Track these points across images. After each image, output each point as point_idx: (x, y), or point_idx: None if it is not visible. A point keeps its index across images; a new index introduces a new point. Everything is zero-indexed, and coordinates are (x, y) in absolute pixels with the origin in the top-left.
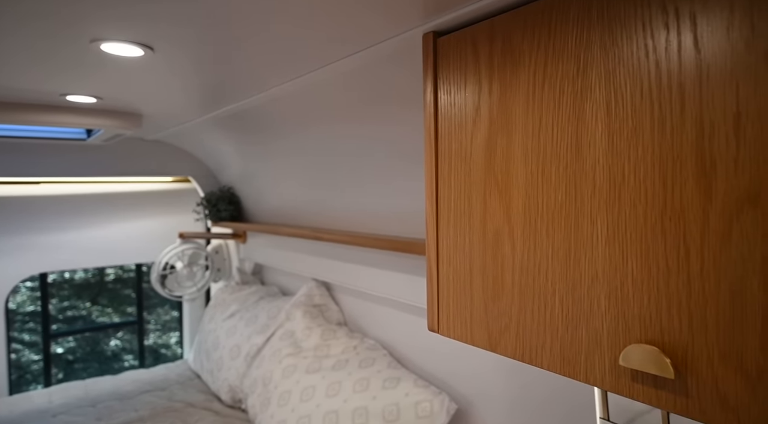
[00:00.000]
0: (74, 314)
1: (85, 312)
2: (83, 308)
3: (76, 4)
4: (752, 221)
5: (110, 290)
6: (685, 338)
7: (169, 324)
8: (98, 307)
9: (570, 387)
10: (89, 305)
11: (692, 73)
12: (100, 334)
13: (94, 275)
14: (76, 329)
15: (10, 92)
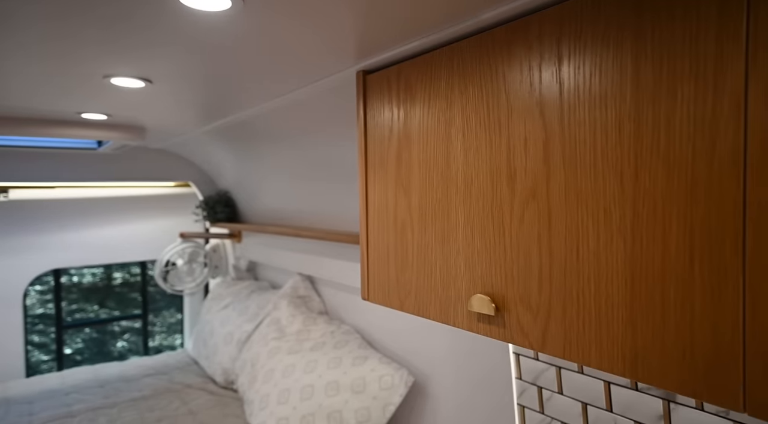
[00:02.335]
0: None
1: (93, 315)
2: (91, 310)
3: (91, 46)
4: (534, 209)
5: (117, 293)
6: (503, 290)
7: (174, 326)
8: (106, 310)
9: (496, 360)
10: (97, 308)
11: (504, 111)
12: (107, 335)
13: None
14: (87, 320)
15: (35, 111)
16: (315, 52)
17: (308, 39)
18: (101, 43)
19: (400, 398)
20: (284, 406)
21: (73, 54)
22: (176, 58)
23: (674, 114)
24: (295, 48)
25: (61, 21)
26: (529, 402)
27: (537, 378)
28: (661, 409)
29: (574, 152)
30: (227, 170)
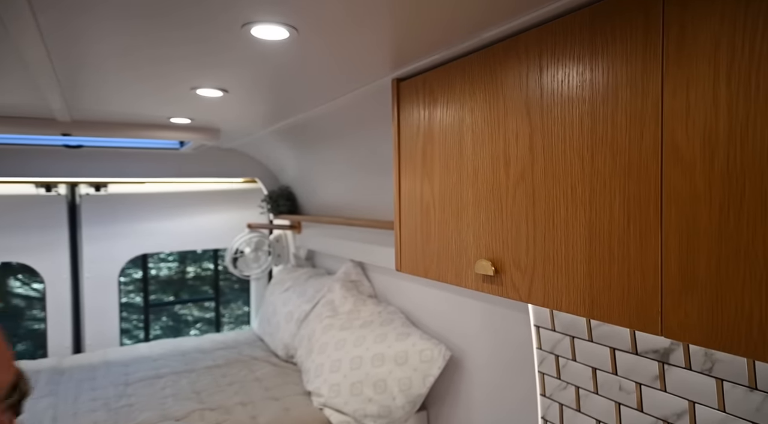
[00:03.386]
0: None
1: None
2: (168, 300)
3: (183, 65)
4: (522, 188)
5: (190, 286)
6: (500, 255)
7: (242, 318)
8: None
9: (519, 334)
10: (173, 298)
11: (502, 111)
12: (182, 324)
13: (176, 272)
14: (168, 302)
15: (132, 117)
16: (357, 65)
17: (351, 55)
18: (191, 62)
19: (438, 370)
20: (336, 374)
21: (167, 71)
22: (248, 73)
23: (617, 112)
24: (341, 63)
25: (157, 46)
26: (548, 369)
27: (554, 347)
28: (657, 370)
29: (551, 142)
30: (289, 167)
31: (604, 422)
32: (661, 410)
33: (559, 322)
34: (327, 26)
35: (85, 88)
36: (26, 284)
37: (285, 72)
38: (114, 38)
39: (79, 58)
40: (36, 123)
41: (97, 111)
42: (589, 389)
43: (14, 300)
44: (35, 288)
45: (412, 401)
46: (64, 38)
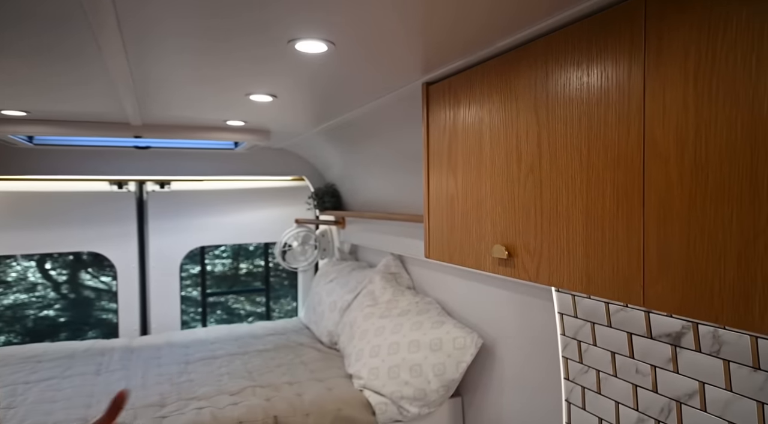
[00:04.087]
0: (214, 300)
1: (223, 299)
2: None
3: (237, 74)
4: (532, 180)
5: (243, 281)
6: (513, 240)
7: (290, 313)
8: (233, 296)
9: (545, 322)
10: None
11: (515, 111)
12: (234, 317)
13: (230, 268)
14: (224, 291)
15: (192, 120)
16: (390, 72)
17: (384, 64)
18: (245, 72)
19: (471, 357)
20: (375, 358)
21: (225, 80)
22: (293, 81)
23: (608, 112)
24: (375, 71)
25: (217, 60)
26: (571, 354)
27: (576, 333)
28: (670, 353)
29: (555, 139)
30: (333, 165)
31: (623, 404)
32: (674, 391)
33: (581, 309)
34: (362, 41)
35: (155, 96)
36: (95, 276)
37: (325, 79)
38: (182, 55)
39: (153, 71)
40: (113, 127)
41: (164, 115)
42: (608, 373)
43: (85, 291)
44: (103, 281)
45: (446, 385)
46: (142, 55)
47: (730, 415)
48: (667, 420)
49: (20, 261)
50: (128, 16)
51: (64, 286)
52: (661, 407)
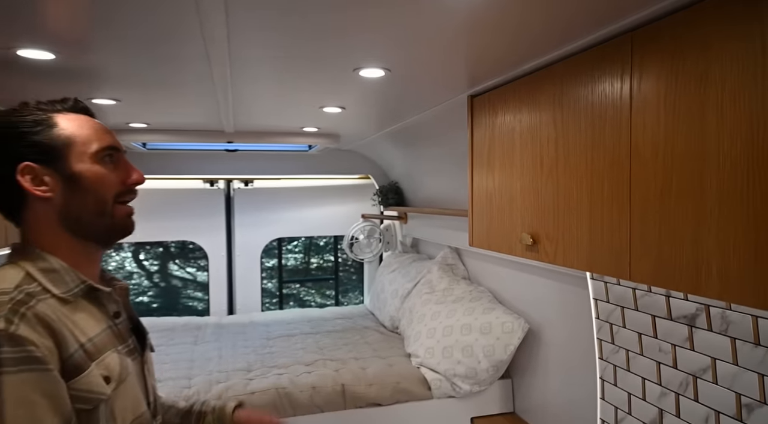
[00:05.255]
0: (287, 291)
1: (295, 291)
2: (294, 288)
3: (311, 91)
4: (552, 179)
5: (313, 275)
6: (537, 229)
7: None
8: (304, 288)
9: (582, 308)
10: (298, 287)
11: (538, 122)
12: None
13: (301, 262)
14: (299, 279)
15: (272, 127)
16: (439, 87)
17: (433, 83)
18: (320, 90)
19: (518, 340)
20: (431, 339)
21: (304, 95)
22: (358, 97)
23: (605, 124)
24: (426, 88)
25: (298, 80)
26: (604, 336)
27: (608, 317)
28: (687, 332)
29: (568, 145)
30: (396, 165)
31: (648, 379)
32: (690, 367)
33: (612, 294)
34: (413, 68)
35: (246, 109)
36: (182, 267)
37: (385, 96)
38: (270, 78)
39: (246, 90)
40: (211, 134)
41: (251, 124)
42: (636, 352)
43: (173, 280)
44: (189, 271)
45: (495, 365)
46: (240, 79)
47: (738, 386)
48: (685, 393)
49: (119, 252)
50: (236, 52)
51: (155, 275)
52: (680, 382)
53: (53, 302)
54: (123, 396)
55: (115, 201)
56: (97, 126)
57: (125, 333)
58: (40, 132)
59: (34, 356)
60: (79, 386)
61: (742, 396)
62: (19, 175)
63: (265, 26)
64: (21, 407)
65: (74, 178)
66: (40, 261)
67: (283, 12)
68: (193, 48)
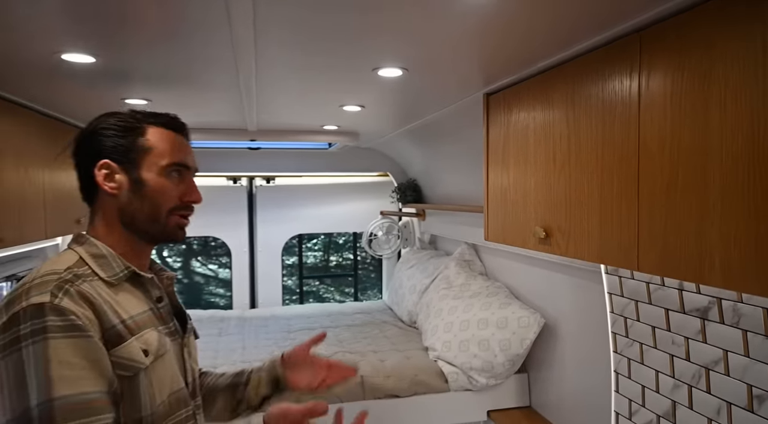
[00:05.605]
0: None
1: (314, 288)
2: (313, 285)
3: (333, 90)
4: (564, 174)
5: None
6: (549, 223)
7: None
8: (324, 285)
9: (597, 303)
10: (317, 284)
11: (550, 119)
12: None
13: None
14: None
15: (294, 126)
16: (456, 86)
17: (450, 82)
18: (340, 90)
19: (534, 335)
20: (448, 333)
21: (324, 95)
22: (377, 95)
23: (615, 120)
24: (443, 87)
25: (319, 81)
26: (619, 329)
27: (623, 310)
28: (699, 325)
29: (580, 142)
30: (415, 162)
31: (661, 372)
32: (703, 359)
33: (626, 289)
34: (429, 67)
35: (269, 108)
36: (204, 264)
37: (403, 94)
38: (292, 78)
39: (269, 90)
40: (235, 132)
41: (273, 122)
42: (649, 345)
43: (195, 277)
44: (211, 268)
45: (512, 359)
46: (265, 79)
47: (749, 378)
48: (698, 385)
49: None
50: (262, 50)
51: (178, 272)
52: (693, 374)
53: (99, 283)
54: (161, 369)
55: (170, 213)
56: (177, 144)
57: (167, 317)
58: (127, 137)
59: (75, 323)
60: (120, 353)
61: (753, 387)
62: (96, 169)
63: (289, 27)
64: (66, 368)
65: (140, 184)
66: (92, 247)
67: (307, 13)
68: (220, 47)
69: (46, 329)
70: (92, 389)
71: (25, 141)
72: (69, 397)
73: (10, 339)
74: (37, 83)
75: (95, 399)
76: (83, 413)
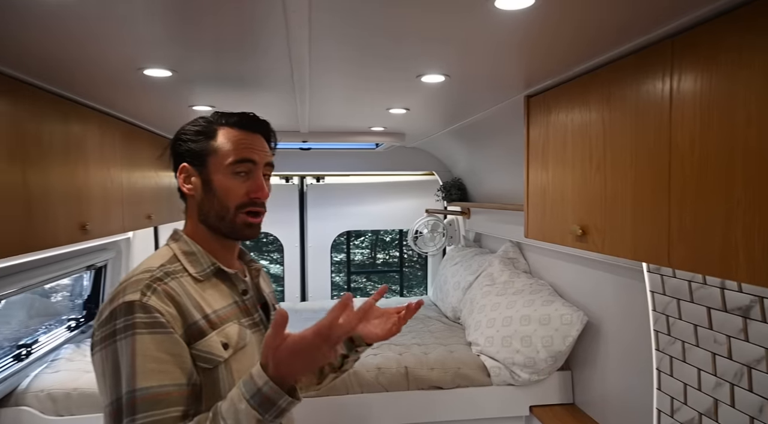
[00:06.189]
0: (354, 285)
1: (361, 285)
2: (360, 282)
3: (379, 94)
4: (599, 174)
5: (378, 271)
6: (586, 221)
7: None
8: (370, 283)
9: (639, 301)
10: (364, 281)
11: (587, 120)
12: None
13: (368, 258)
14: (367, 270)
15: (343, 128)
16: (497, 89)
17: (491, 86)
18: (387, 95)
19: (576, 332)
20: (491, 329)
21: (372, 99)
22: (421, 99)
23: (648, 121)
24: (485, 90)
25: (367, 86)
26: (661, 327)
27: (665, 309)
28: (741, 324)
29: (614, 142)
30: (460, 162)
31: (704, 370)
32: (745, 357)
33: (668, 287)
34: (471, 72)
35: (321, 111)
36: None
37: (446, 98)
38: (343, 84)
39: (320, 94)
40: (289, 134)
41: (325, 124)
42: (691, 343)
43: None
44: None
45: (554, 356)
46: (317, 85)
47: None
48: (740, 383)
49: None
50: (316, 66)
51: None
52: (735, 372)
53: (188, 279)
54: (240, 361)
55: (237, 210)
56: (244, 141)
57: (251, 308)
58: (199, 141)
59: (159, 321)
60: (201, 347)
61: None
62: (178, 172)
63: (339, 41)
64: (150, 361)
65: (209, 184)
66: (184, 245)
67: (354, 29)
68: (279, 58)
69: (134, 325)
70: (170, 382)
71: (109, 145)
72: (150, 388)
73: (109, 332)
74: (119, 94)
75: (172, 391)
76: (161, 404)
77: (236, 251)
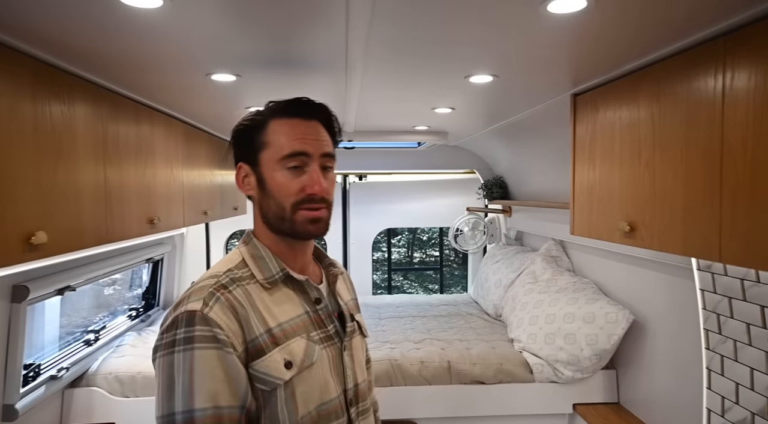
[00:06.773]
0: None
1: (399, 284)
2: (398, 280)
3: (425, 96)
4: (649, 171)
5: (416, 270)
6: (634, 217)
7: None
8: (407, 281)
9: (688, 299)
10: (402, 279)
11: (636, 119)
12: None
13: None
14: (405, 267)
15: (387, 127)
16: (544, 88)
17: (538, 84)
18: (433, 95)
19: (622, 331)
20: (533, 326)
21: (417, 100)
22: (467, 99)
23: (699, 120)
24: (531, 89)
25: (413, 88)
26: (711, 326)
27: (716, 307)
28: None
29: (664, 140)
30: (501, 160)
31: (757, 370)
32: None
33: (719, 285)
34: (519, 72)
35: (367, 109)
36: None
37: (492, 97)
38: (390, 86)
39: (368, 95)
40: None
41: (370, 124)
42: (744, 342)
43: None
44: None
45: (598, 354)
46: (366, 86)
47: None
48: None
49: None
50: (367, 68)
51: None
52: None
53: (255, 287)
54: (306, 382)
55: (295, 207)
56: (295, 132)
57: (325, 319)
58: (250, 137)
59: (219, 337)
60: (259, 367)
61: None
62: (236, 172)
63: (390, 45)
64: (207, 380)
65: (263, 181)
66: (253, 248)
67: (404, 31)
68: (333, 62)
69: (194, 338)
70: (226, 404)
71: (172, 145)
72: (206, 409)
73: (170, 341)
74: (185, 98)
75: (226, 414)
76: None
77: (309, 253)
